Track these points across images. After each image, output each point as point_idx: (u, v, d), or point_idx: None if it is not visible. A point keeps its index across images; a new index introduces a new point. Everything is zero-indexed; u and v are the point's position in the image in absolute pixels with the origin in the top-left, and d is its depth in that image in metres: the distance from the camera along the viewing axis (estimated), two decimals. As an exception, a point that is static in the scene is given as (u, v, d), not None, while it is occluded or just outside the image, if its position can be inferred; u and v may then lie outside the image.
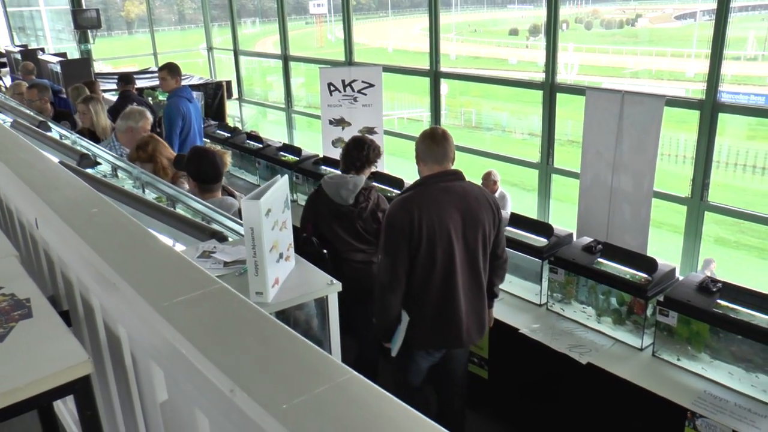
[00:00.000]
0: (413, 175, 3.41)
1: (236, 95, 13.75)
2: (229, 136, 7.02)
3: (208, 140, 6.92)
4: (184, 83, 11.95)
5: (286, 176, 2.00)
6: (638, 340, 3.32)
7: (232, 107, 13.18)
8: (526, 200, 9.90)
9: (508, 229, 3.94)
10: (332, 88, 8.49)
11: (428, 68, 9.05)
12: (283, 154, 6.11)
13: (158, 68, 7.40)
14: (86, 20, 12.51)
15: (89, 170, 3.42)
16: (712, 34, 6.02)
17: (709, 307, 3.00)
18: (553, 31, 7.38)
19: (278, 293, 1.84)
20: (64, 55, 12.40)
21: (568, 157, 8.77)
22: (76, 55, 13.04)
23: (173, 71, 6.20)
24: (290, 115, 12.42)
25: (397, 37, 36.02)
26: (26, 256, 2.28)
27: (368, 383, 0.89)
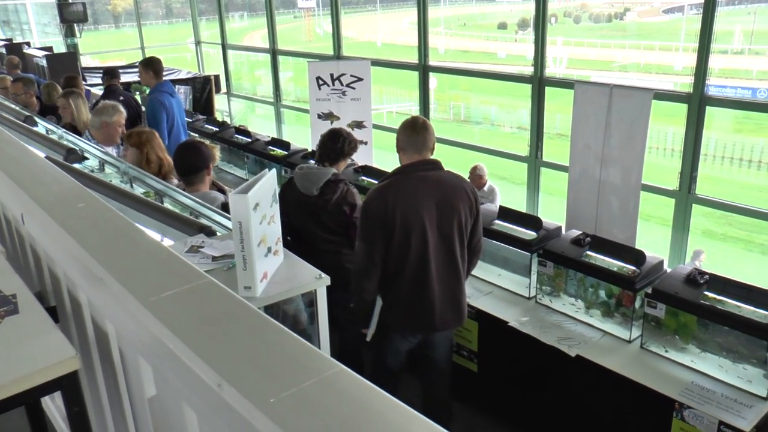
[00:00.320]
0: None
1: (224, 89, 13.68)
2: (217, 130, 6.98)
3: (196, 135, 6.88)
4: (172, 77, 11.95)
5: (273, 170, 2.00)
6: (626, 332, 3.34)
7: (220, 101, 13.12)
8: (515, 194, 9.92)
9: (497, 222, 3.95)
10: (321, 82, 8.47)
11: (417, 62, 9.04)
12: (271, 148, 6.09)
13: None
14: (72, 14, 12.39)
15: (76, 165, 3.40)
16: (699, 27, 6.05)
17: (696, 298, 3.02)
18: (541, 24, 7.38)
19: (267, 287, 1.83)
20: (50, 49, 12.30)
21: (556, 150, 8.78)
22: (62, 49, 12.91)
23: (147, 66, 6.08)
24: (279, 109, 12.38)
25: (385, 31, 35.98)
26: (12, 251, 2.26)
27: (356, 376, 0.88)
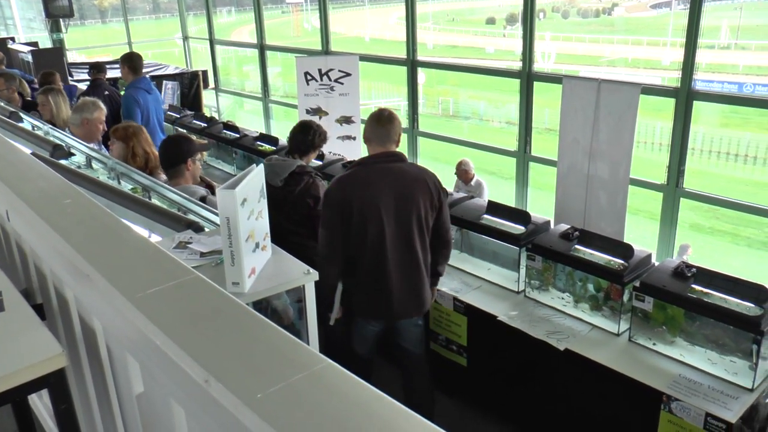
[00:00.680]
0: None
1: (212, 85, 13.62)
2: (205, 126, 6.95)
3: (184, 130, 6.85)
4: (159, 73, 11.88)
5: (261, 165, 1.99)
6: (615, 325, 3.35)
7: (208, 97, 13.06)
8: (504, 188, 9.96)
9: (485, 217, 3.96)
10: (309, 77, 8.44)
11: (405, 57, 9.04)
12: (260, 143, 6.07)
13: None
14: (58, 9, 12.26)
15: (63, 161, 3.37)
16: (686, 23, 6.08)
17: (683, 291, 3.04)
18: (530, 20, 7.40)
19: (255, 283, 1.83)
20: (35, 44, 12.18)
21: (545, 145, 8.81)
22: (48, 44, 12.80)
23: (125, 61, 6.01)
24: (267, 104, 12.34)
25: (373, 26, 35.90)
26: (-2, 248, 2.24)
27: (343, 371, 0.88)
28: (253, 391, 0.85)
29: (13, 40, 12.73)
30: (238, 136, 6.42)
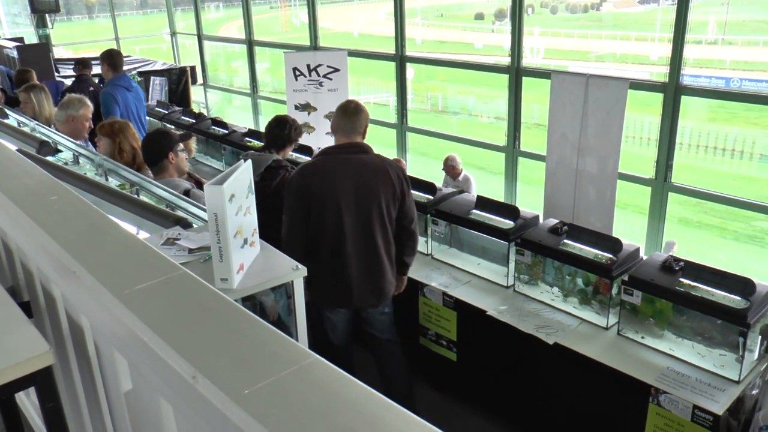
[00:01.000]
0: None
1: (201, 81, 13.55)
2: (194, 122, 6.92)
3: (172, 126, 6.81)
4: (147, 69, 11.79)
5: (249, 161, 1.98)
6: (604, 319, 3.37)
7: (196, 93, 12.99)
8: (493, 183, 9.97)
9: (474, 212, 3.97)
10: (297, 72, 8.42)
11: (394, 53, 9.02)
12: (248, 139, 6.05)
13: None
14: (43, 4, 12.14)
15: (49, 158, 3.35)
16: (674, 18, 6.10)
17: (671, 285, 3.05)
18: (518, 15, 7.40)
19: (243, 279, 1.82)
20: (21, 40, 12.06)
21: (534, 140, 8.83)
22: (33, 40, 12.69)
23: (105, 58, 5.88)
24: (256, 100, 12.29)
25: (362, 21, 35.86)
26: (-17, 246, 2.22)
27: (331, 366, 0.88)
28: (240, 387, 0.85)
29: (-3, 35, 12.63)
30: (226, 132, 6.40)
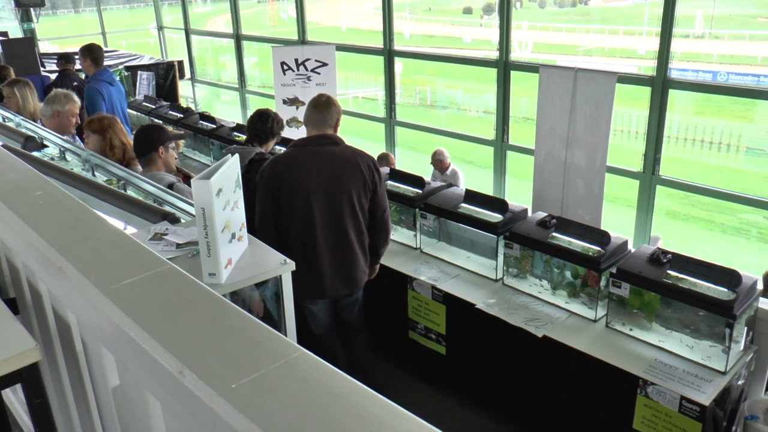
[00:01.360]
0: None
1: (188, 75, 13.48)
2: (181, 116, 6.88)
3: (160, 121, 6.77)
4: (134, 63, 11.72)
5: (237, 155, 1.97)
6: (592, 312, 3.39)
7: (184, 88, 12.93)
8: (481, 177, 9.98)
9: (463, 205, 3.97)
10: (285, 67, 8.39)
11: (382, 47, 9.01)
12: (237, 134, 6.02)
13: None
14: (28, -2, 12.04)
15: (35, 153, 3.32)
16: (662, 12, 6.12)
17: (659, 277, 3.07)
18: (506, 9, 7.40)
19: (231, 274, 1.82)
20: (5, 34, 11.95)
21: (522, 134, 8.86)
22: (18, 34, 12.56)
23: (86, 53, 5.84)
24: (244, 95, 12.25)
25: (350, 15, 35.74)
26: (-32, 242, 2.20)
27: (318, 360, 0.88)
28: (227, 381, 0.84)
29: (-19, 30, 12.49)
30: (214, 126, 6.37)
